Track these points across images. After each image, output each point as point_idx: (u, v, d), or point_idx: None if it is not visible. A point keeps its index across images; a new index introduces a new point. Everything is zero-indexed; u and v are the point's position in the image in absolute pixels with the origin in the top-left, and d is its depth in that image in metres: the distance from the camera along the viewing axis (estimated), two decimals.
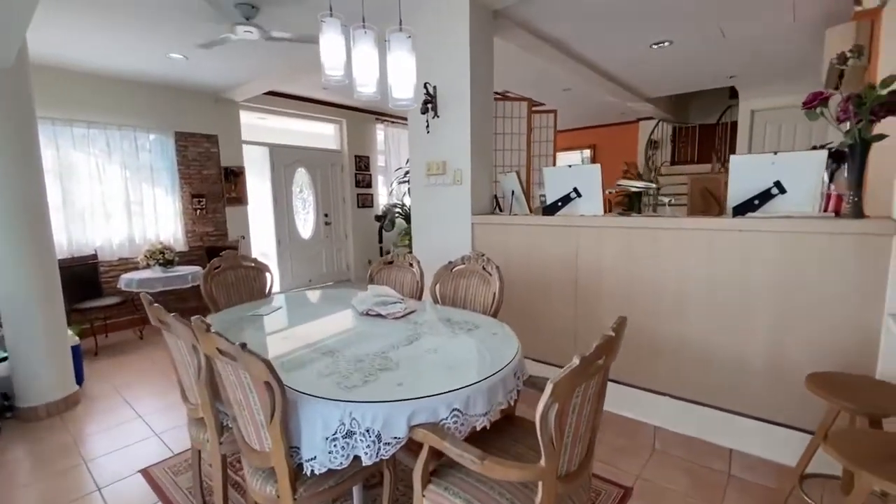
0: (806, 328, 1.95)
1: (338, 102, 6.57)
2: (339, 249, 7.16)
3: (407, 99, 2.04)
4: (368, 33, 2.01)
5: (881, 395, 1.54)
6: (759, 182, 2.11)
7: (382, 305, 2.18)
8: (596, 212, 2.57)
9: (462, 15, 2.92)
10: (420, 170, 3.33)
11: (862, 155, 1.87)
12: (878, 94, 1.79)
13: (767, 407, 2.07)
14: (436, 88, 3.11)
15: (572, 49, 4.19)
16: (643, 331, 2.40)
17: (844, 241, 1.84)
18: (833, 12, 3.35)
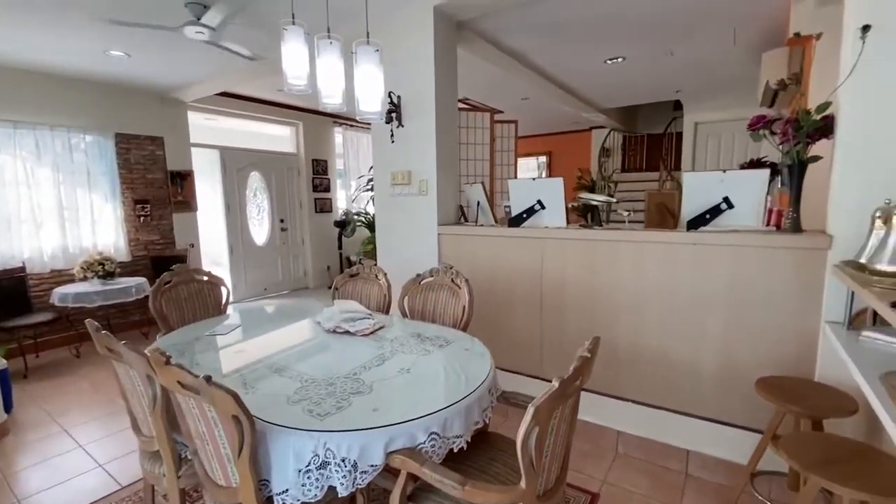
0: (753, 335, 2.09)
1: (294, 105, 6.37)
2: (295, 256, 6.93)
3: (375, 112, 2.00)
4: (334, 44, 1.97)
5: (821, 398, 1.68)
6: (709, 198, 2.25)
7: (350, 322, 2.13)
8: (559, 224, 2.64)
9: (426, 26, 2.92)
10: (384, 179, 3.29)
11: (800, 174, 2.03)
12: (814, 120, 1.95)
13: (720, 409, 2.20)
14: (400, 98, 3.09)
15: (532, 61, 4.30)
16: (605, 339, 2.48)
17: (786, 255, 1.99)
18: (769, 38, 3.65)
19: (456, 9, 2.95)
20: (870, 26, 1.69)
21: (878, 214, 1.60)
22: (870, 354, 1.54)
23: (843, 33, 1.95)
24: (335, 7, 2.88)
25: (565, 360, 2.63)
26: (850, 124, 1.81)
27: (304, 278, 7.04)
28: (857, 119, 1.78)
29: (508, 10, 3.07)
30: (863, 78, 1.74)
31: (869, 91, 1.75)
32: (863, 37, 1.71)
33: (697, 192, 2.28)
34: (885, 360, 1.48)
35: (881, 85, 1.72)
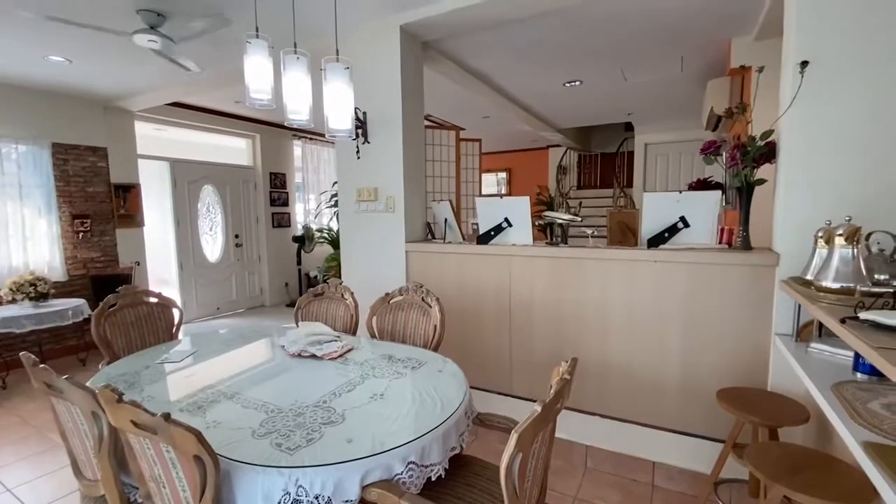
0: (711, 348, 2.19)
1: (251, 117, 6.17)
2: (251, 273, 6.64)
3: (345, 130, 1.96)
4: (301, 60, 1.92)
5: (776, 408, 1.77)
6: (667, 217, 2.36)
7: (317, 345, 2.05)
8: (526, 241, 2.68)
9: (393, 44, 2.92)
10: (350, 196, 3.23)
11: (748, 196, 2.17)
12: (759, 146, 2.10)
13: (682, 420, 2.28)
14: (366, 114, 3.06)
15: (495, 82, 4.40)
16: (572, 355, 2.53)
17: (739, 271, 2.12)
18: (713, 67, 3.93)
19: (421, 29, 2.98)
20: (808, 62, 1.85)
21: (821, 235, 1.73)
22: (818, 365, 1.65)
23: (781, 67, 2.13)
24: (301, 22, 2.83)
25: (534, 377, 2.66)
26: (791, 151, 1.96)
27: (260, 296, 6.75)
28: (798, 146, 1.94)
29: (472, 32, 3.13)
30: (802, 109, 1.90)
31: (807, 121, 1.90)
32: (801, 71, 1.87)
33: (656, 211, 2.39)
34: (833, 371, 1.58)
35: (818, 115, 1.88)
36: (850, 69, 1.81)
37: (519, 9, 2.72)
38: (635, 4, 2.84)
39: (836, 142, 1.86)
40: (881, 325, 1.20)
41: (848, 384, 1.45)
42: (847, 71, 1.81)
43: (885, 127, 1.78)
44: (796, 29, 1.90)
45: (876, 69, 1.77)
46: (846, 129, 1.84)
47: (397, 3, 2.74)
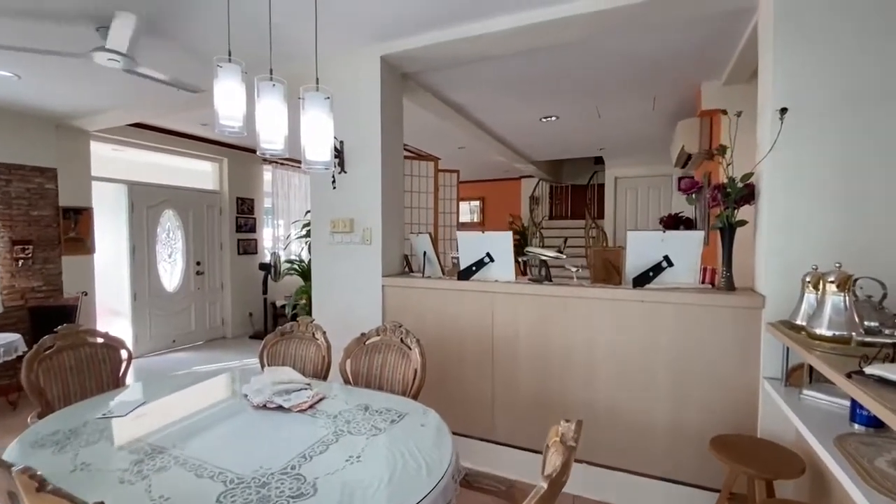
0: (699, 391, 2.14)
1: (219, 140, 5.95)
2: (212, 303, 6.26)
3: (323, 162, 1.84)
4: (277, 87, 1.81)
5: (771, 458, 1.71)
6: (651, 256, 2.33)
7: (284, 395, 1.85)
8: (508, 277, 2.59)
9: (373, 73, 2.86)
10: (324, 226, 3.08)
11: (730, 236, 2.17)
12: (740, 188, 2.12)
13: (672, 467, 2.19)
14: (343, 143, 2.95)
15: (472, 114, 4.42)
16: (557, 398, 2.43)
17: (724, 313, 2.09)
18: (683, 108, 4.09)
19: (402, 60, 2.94)
20: (787, 109, 1.89)
21: (808, 279, 1.72)
22: (813, 414, 1.60)
23: (758, 112, 2.18)
24: (277, 48, 2.73)
25: (518, 421, 2.53)
26: (773, 194, 1.97)
27: (221, 327, 6.35)
28: (779, 190, 1.96)
29: (453, 66, 3.12)
30: (782, 153, 1.93)
31: (787, 165, 1.93)
32: (781, 117, 1.90)
33: (640, 250, 2.36)
34: (829, 420, 1.54)
35: (797, 160, 1.91)
36: (828, 116, 1.86)
37: (499, 47, 2.73)
38: (613, 47, 2.90)
39: (815, 186, 1.89)
40: (887, 381, 1.15)
41: (850, 437, 1.40)
42: (824, 117, 1.86)
43: (861, 172, 1.82)
44: (773, 76, 1.95)
45: (852, 116, 1.83)
46: (824, 173, 1.87)
47: (378, 34, 2.70)
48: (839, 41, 1.83)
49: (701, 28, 2.63)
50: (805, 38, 1.88)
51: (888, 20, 1.76)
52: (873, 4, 1.78)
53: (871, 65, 1.79)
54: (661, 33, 2.72)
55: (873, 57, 1.79)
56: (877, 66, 1.79)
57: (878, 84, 1.79)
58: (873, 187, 1.81)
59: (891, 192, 1.78)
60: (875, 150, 1.80)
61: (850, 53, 1.82)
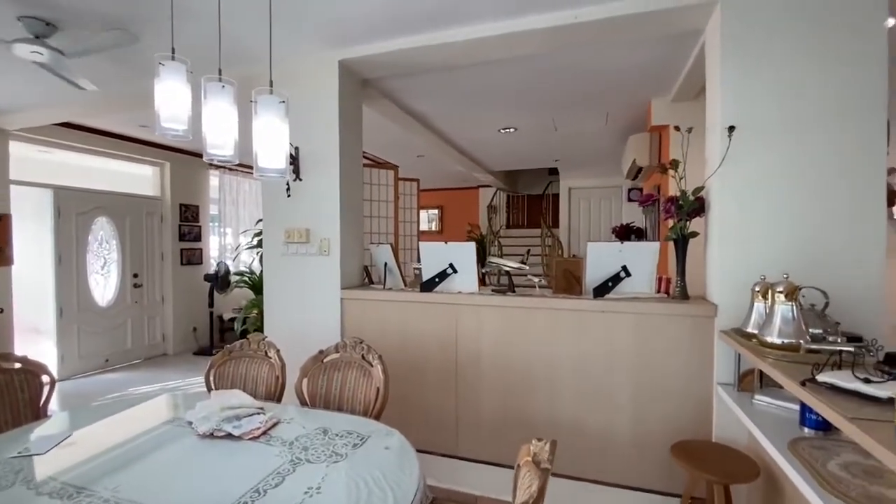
0: (659, 399, 2.19)
1: (161, 143, 5.57)
2: (152, 317, 5.81)
3: (277, 170, 1.73)
4: (227, 89, 1.68)
5: (729, 463, 1.76)
6: (610, 267, 2.38)
7: (234, 421, 1.70)
8: (472, 289, 2.56)
9: (331, 78, 2.76)
10: (277, 236, 2.92)
11: (684, 247, 2.26)
12: (691, 201, 2.21)
13: (635, 475, 2.22)
14: (298, 150, 2.82)
15: (432, 123, 4.39)
16: (521, 409, 2.41)
17: (680, 322, 2.16)
18: (634, 123, 4.27)
19: (361, 66, 2.86)
20: (734, 127, 1.99)
21: (758, 289, 1.81)
22: (766, 418, 1.67)
23: (707, 130, 2.28)
24: (226, 47, 2.57)
25: (482, 435, 2.48)
26: (723, 208, 2.07)
27: (162, 344, 5.90)
28: (728, 204, 2.05)
29: (413, 75, 3.08)
30: (730, 169, 2.03)
31: (735, 180, 2.03)
32: (730, 135, 2.00)
33: (599, 260, 2.40)
34: (781, 424, 1.60)
35: (745, 175, 2.01)
36: (772, 134, 1.97)
37: (459, 57, 2.72)
38: (569, 63, 2.97)
39: (762, 200, 2.00)
40: (839, 388, 1.21)
41: (802, 442, 1.46)
42: (769, 135, 1.98)
43: (803, 187, 1.94)
44: (721, 96, 2.05)
45: (795, 134, 1.95)
46: (769, 188, 1.99)
47: (336, 39, 2.61)
48: (782, 64, 1.96)
49: (652, 48, 2.74)
50: (750, 61, 2.00)
51: (826, 45, 1.90)
52: (812, 30, 1.92)
53: (812, 86, 1.93)
54: (615, 51, 2.81)
55: (813, 79, 1.93)
56: (817, 88, 1.92)
57: (819, 104, 1.92)
58: (814, 201, 1.93)
59: (830, 206, 1.91)
60: (816, 166, 1.93)
61: (792, 76, 1.94)
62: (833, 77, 1.90)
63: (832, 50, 1.90)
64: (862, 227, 1.88)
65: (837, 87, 1.90)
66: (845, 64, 1.89)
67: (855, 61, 1.88)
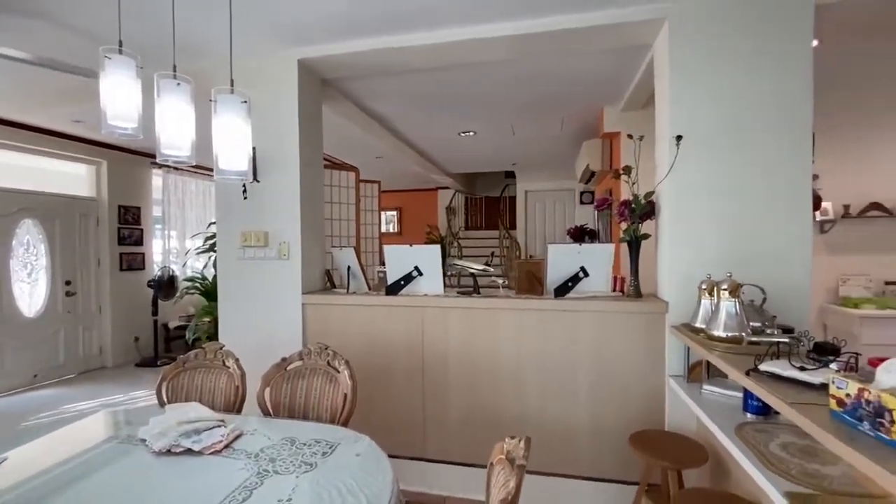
0: (617, 392, 2.30)
1: (96, 140, 5.18)
2: (87, 328, 5.37)
3: (239, 172, 1.67)
4: (183, 86, 1.61)
5: (680, 450, 1.88)
6: (569, 267, 2.47)
7: (193, 435, 1.62)
8: (438, 291, 2.58)
9: (290, 77, 2.69)
10: (232, 240, 2.80)
11: (636, 248, 2.39)
12: (643, 205, 2.35)
13: (596, 466, 2.32)
14: (255, 150, 2.72)
15: (392, 125, 4.38)
16: (488, 408, 2.45)
17: (634, 319, 2.28)
18: (588, 129, 4.45)
19: (321, 66, 2.80)
20: (681, 136, 2.13)
21: (704, 287, 1.95)
22: (713, 406, 1.80)
23: (656, 138, 2.43)
24: (183, 42, 2.45)
25: (450, 436, 2.50)
26: (672, 212, 2.21)
27: (99, 356, 5.47)
28: (677, 208, 2.20)
29: (373, 76, 3.06)
30: (678, 175, 2.17)
31: (683, 186, 2.18)
32: (678, 144, 2.14)
33: (559, 262, 2.49)
34: (727, 411, 1.74)
35: (691, 181, 2.16)
36: (716, 143, 2.14)
37: (420, 61, 2.73)
38: (528, 70, 3.07)
39: (707, 203, 2.16)
40: (779, 376, 1.33)
41: (746, 426, 1.59)
42: (713, 144, 2.14)
43: (743, 191, 2.12)
44: (669, 107, 2.20)
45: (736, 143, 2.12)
46: (713, 192, 2.15)
47: (295, 38, 2.54)
48: (722, 79, 2.12)
49: (604, 59, 2.88)
50: (694, 74, 2.16)
51: (761, 63, 2.09)
52: (749, 49, 2.10)
53: (748, 100, 2.11)
54: (570, 61, 2.93)
55: (750, 93, 2.10)
56: (752, 102, 2.10)
57: (754, 116, 2.10)
58: (753, 204, 2.11)
59: (765, 210, 2.10)
60: (754, 172, 2.11)
61: (731, 90, 2.11)
62: (766, 92, 2.09)
63: (766, 67, 2.08)
64: (792, 228, 2.08)
65: (770, 101, 2.09)
66: (777, 80, 2.08)
67: (785, 78, 2.07)
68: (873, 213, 3.71)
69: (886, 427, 0.90)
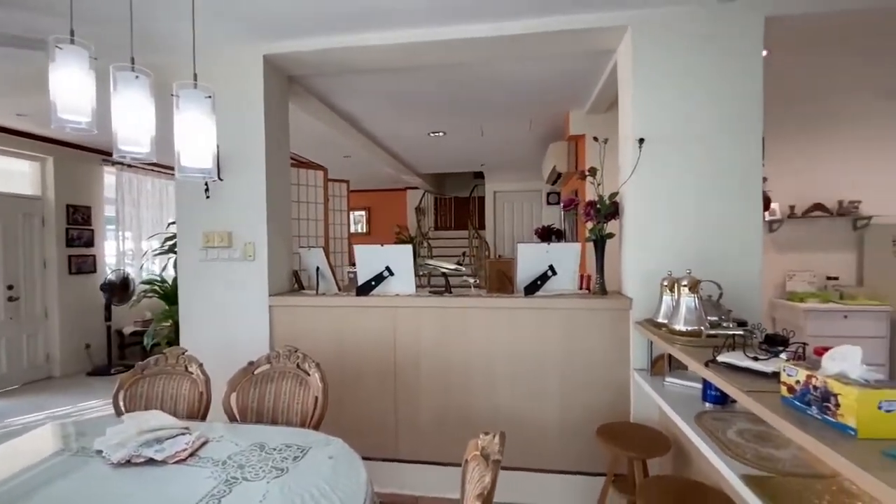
0: (584, 386, 2.37)
1: (41, 134, 4.85)
2: (32, 335, 5.03)
3: (202, 170, 1.61)
4: (142, 79, 1.54)
5: (645, 440, 1.95)
6: (538, 266, 2.53)
7: (155, 444, 1.55)
8: (409, 291, 2.57)
9: (255, 73, 2.62)
10: (194, 241, 2.69)
11: (602, 247, 2.47)
12: (608, 205, 2.42)
13: (565, 460, 2.38)
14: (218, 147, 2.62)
15: (361, 125, 4.33)
16: (460, 406, 2.47)
17: (601, 315, 2.36)
18: (555, 132, 4.56)
19: (287, 62, 2.74)
20: (644, 139, 2.22)
21: (665, 283, 2.03)
22: (675, 397, 1.89)
23: (620, 142, 2.52)
24: (143, 34, 2.33)
25: (422, 436, 2.51)
26: (636, 212, 2.30)
27: (46, 365, 5.13)
28: (640, 208, 2.29)
29: (342, 74, 3.02)
30: (641, 177, 2.26)
31: (645, 187, 2.27)
32: (640, 147, 2.23)
33: (529, 261, 2.55)
34: (687, 401, 1.83)
35: (652, 183, 2.26)
36: (676, 146, 2.24)
37: (388, 60, 2.72)
38: (496, 72, 3.11)
39: (667, 204, 2.26)
40: (735, 366, 1.41)
41: (705, 415, 1.67)
42: (673, 147, 2.24)
43: (701, 192, 2.23)
44: (632, 111, 2.28)
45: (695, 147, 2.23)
46: (673, 193, 2.25)
47: (261, 32, 2.48)
48: (682, 84, 2.23)
49: (570, 64, 2.96)
50: (656, 80, 2.25)
51: (716, 70, 2.20)
52: (706, 56, 2.21)
53: (705, 105, 2.22)
54: (538, 65, 2.99)
55: (707, 98, 2.22)
56: (709, 107, 2.22)
57: (710, 121, 2.22)
58: (710, 205, 2.22)
59: (722, 209, 2.21)
60: (710, 174, 2.22)
61: (691, 95, 2.22)
62: (721, 98, 2.21)
63: (721, 74, 2.20)
64: (745, 227, 2.20)
65: (725, 107, 2.21)
66: (731, 87, 2.20)
67: (738, 85, 2.19)
68: (816, 213, 3.98)
69: (832, 410, 0.97)
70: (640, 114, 2.27)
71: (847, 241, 4.03)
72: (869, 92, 3.64)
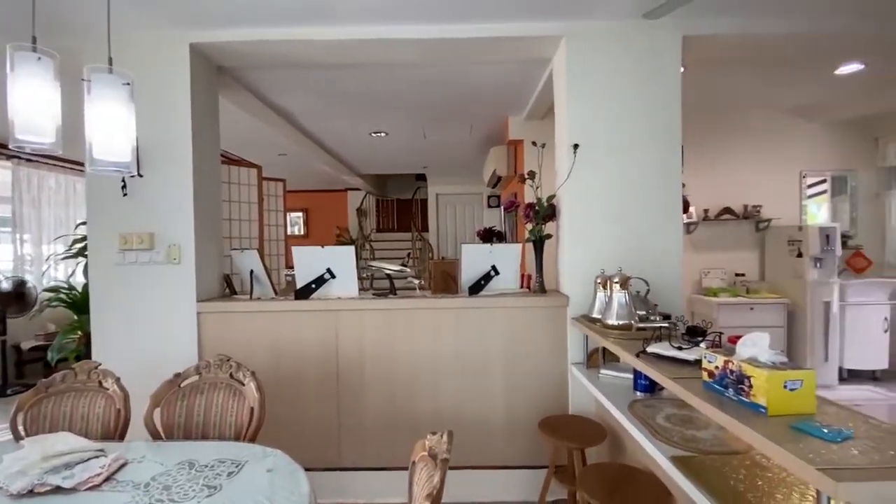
0: (526, 382, 2.44)
1: None
2: None
3: (118, 163, 1.46)
4: (45, 61, 1.37)
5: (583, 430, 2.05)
6: (482, 266, 2.57)
7: (64, 470, 1.38)
8: (352, 293, 2.51)
9: (181, 61, 2.43)
10: (109, 243, 2.44)
11: (540, 248, 2.56)
12: (546, 207, 2.52)
13: (508, 455, 2.43)
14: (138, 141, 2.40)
15: (298, 121, 4.16)
16: (405, 409, 2.44)
17: (540, 312, 2.44)
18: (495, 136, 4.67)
19: (216, 52, 2.57)
20: (578, 145, 2.34)
21: (599, 281, 2.15)
22: (609, 388, 2.00)
23: (556, 146, 2.63)
24: (47, 11, 2.07)
25: (366, 442, 2.45)
26: (571, 214, 2.41)
27: None
28: (575, 210, 2.40)
29: (275, 67, 2.88)
30: (576, 181, 2.38)
31: (579, 189, 2.39)
32: (575, 152, 2.34)
33: (473, 261, 2.58)
34: (620, 392, 1.94)
35: (587, 186, 2.38)
36: (607, 152, 2.38)
37: (326, 56, 2.64)
38: (438, 75, 3.13)
39: (599, 206, 2.39)
40: (662, 356, 1.52)
41: (636, 403, 1.79)
42: (604, 153, 2.38)
43: (629, 195, 2.39)
44: (567, 118, 2.40)
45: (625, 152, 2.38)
46: (605, 196, 2.39)
47: (188, 18, 2.30)
48: (612, 93, 2.37)
49: (509, 71, 3.05)
50: (588, 88, 2.38)
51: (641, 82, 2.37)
52: (633, 69, 2.37)
53: (633, 114, 2.38)
54: (478, 70, 3.05)
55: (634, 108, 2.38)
56: (636, 115, 2.38)
57: (637, 129, 2.38)
58: (637, 207, 2.38)
59: (647, 211, 2.38)
60: (636, 179, 2.38)
61: (620, 104, 2.37)
62: (646, 108, 2.38)
63: (645, 86, 2.38)
64: (667, 228, 2.39)
65: (649, 116, 2.38)
66: (654, 98, 2.38)
67: (660, 97, 2.38)
68: (726, 216, 4.43)
69: (746, 391, 1.07)
70: (573, 120, 2.39)
71: (751, 241, 4.51)
72: (772, 108, 4.11)
